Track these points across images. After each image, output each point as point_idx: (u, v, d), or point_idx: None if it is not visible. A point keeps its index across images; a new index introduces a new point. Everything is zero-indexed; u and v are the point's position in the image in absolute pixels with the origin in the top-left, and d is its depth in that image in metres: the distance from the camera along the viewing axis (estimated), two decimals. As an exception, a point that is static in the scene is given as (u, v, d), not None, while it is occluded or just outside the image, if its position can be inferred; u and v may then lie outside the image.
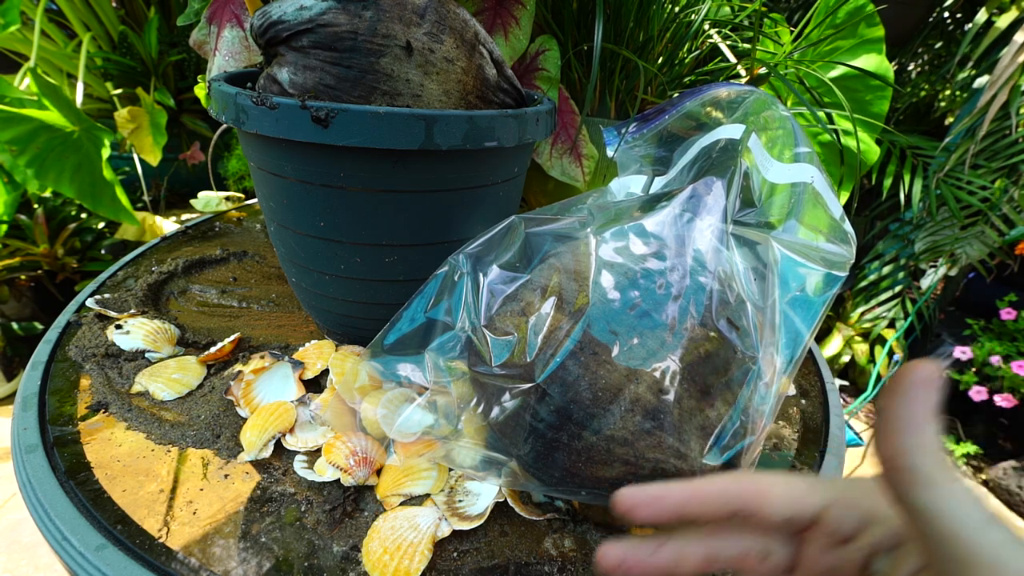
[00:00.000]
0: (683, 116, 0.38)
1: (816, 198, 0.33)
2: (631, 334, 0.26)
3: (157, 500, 0.30)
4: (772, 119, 0.36)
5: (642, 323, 0.27)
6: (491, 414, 0.28)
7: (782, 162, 0.34)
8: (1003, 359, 1.27)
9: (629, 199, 0.34)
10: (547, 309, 0.28)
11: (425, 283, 0.33)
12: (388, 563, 0.27)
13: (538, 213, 0.34)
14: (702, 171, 0.35)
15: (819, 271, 0.32)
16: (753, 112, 0.36)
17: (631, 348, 0.26)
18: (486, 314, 0.30)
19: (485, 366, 0.28)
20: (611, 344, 0.26)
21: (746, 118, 0.36)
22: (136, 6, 1.50)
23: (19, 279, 1.19)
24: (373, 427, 0.35)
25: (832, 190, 0.34)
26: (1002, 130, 1.20)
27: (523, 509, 0.30)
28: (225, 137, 1.61)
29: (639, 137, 0.39)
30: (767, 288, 0.30)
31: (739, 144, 0.34)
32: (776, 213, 0.33)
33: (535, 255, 0.32)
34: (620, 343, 0.26)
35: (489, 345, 0.28)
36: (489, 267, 0.31)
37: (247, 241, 0.61)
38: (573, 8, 0.57)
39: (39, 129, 0.86)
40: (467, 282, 0.31)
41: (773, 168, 0.34)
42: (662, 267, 0.28)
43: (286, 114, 0.30)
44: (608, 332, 0.26)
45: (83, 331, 0.42)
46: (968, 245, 1.28)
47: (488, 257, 0.32)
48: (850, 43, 0.76)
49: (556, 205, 0.35)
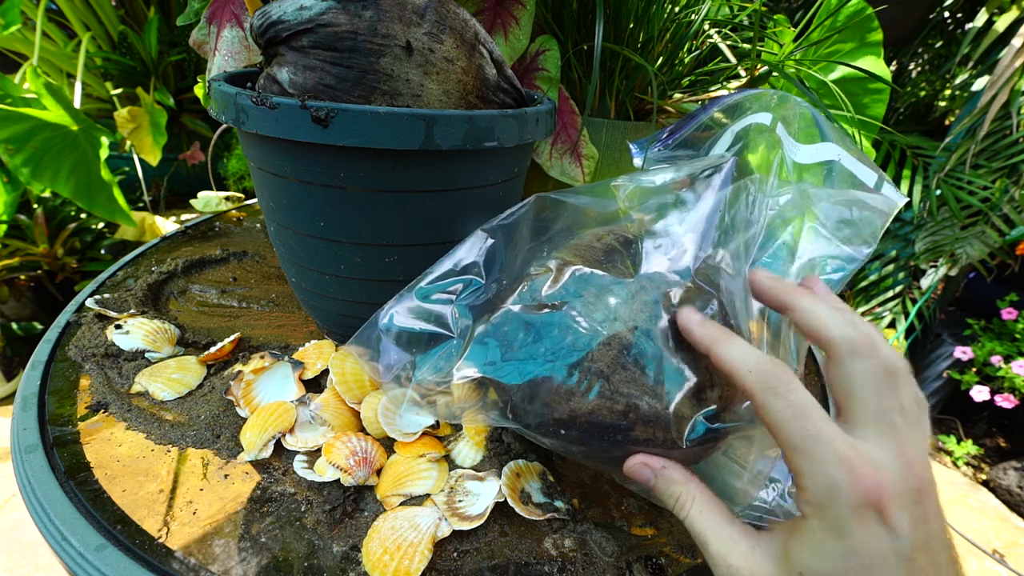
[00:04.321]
0: (706, 123, 0.39)
1: (846, 176, 0.34)
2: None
3: (157, 500, 0.30)
4: (793, 113, 0.37)
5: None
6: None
7: (807, 144, 0.36)
8: (1004, 359, 1.27)
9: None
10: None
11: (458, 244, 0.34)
12: (388, 563, 0.27)
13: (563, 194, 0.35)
14: (738, 153, 0.36)
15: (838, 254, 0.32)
16: (774, 108, 0.37)
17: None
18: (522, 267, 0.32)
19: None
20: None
21: (769, 109, 0.37)
22: (136, 6, 1.50)
23: (19, 279, 1.19)
24: (373, 427, 0.35)
25: (863, 161, 0.35)
26: (1002, 130, 1.20)
27: (523, 509, 0.30)
28: (225, 137, 1.61)
29: (668, 146, 0.40)
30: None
31: (768, 129, 0.36)
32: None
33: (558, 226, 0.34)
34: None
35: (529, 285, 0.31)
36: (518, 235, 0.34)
37: (247, 241, 0.61)
38: (573, 8, 0.57)
39: (36, 128, 0.86)
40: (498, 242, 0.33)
41: (800, 151, 0.36)
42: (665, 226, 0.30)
43: (286, 114, 0.30)
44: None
45: (83, 331, 0.42)
46: (968, 245, 1.28)
47: (515, 231, 0.34)
48: (849, 46, 0.76)
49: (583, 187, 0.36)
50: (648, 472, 0.26)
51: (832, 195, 0.33)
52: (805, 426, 0.20)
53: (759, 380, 0.22)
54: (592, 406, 0.26)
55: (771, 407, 0.21)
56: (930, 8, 1.40)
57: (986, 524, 1.21)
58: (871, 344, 0.22)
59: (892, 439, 0.20)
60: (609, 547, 0.30)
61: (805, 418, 0.21)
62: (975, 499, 1.27)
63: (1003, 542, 1.17)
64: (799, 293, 0.25)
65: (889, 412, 0.21)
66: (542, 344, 0.28)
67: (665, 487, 0.25)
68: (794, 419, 0.21)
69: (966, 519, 1.22)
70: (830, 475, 0.20)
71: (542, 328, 0.28)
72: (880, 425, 0.21)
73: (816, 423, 0.20)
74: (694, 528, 0.24)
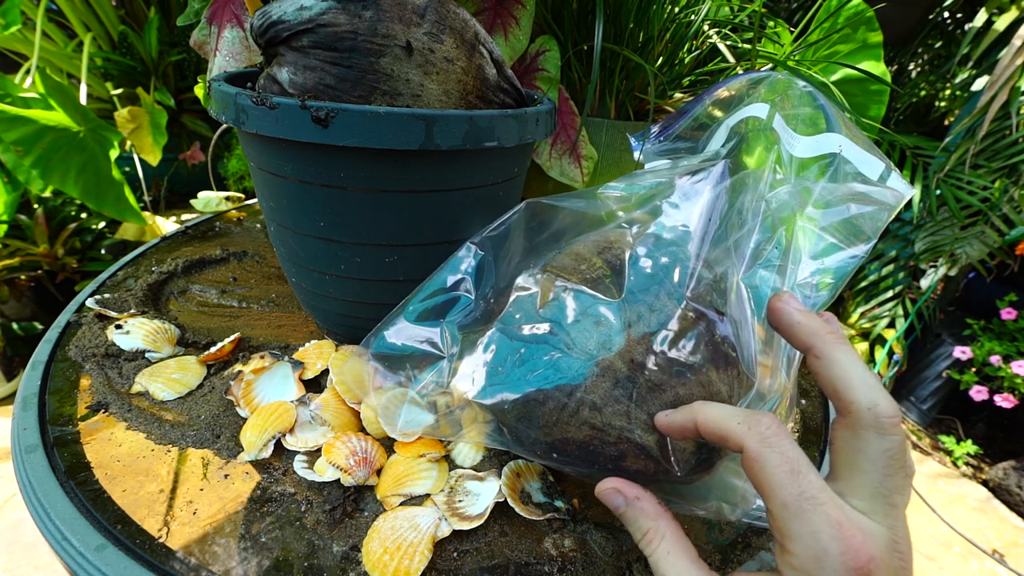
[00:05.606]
0: (705, 110, 0.38)
1: (848, 169, 0.32)
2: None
3: (157, 500, 0.30)
4: (794, 96, 0.35)
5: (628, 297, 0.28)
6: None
7: (808, 135, 0.34)
8: (1003, 359, 1.27)
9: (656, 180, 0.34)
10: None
11: (446, 262, 0.34)
12: (388, 563, 0.27)
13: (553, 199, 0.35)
14: (733, 151, 0.35)
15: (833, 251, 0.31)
16: (775, 92, 0.35)
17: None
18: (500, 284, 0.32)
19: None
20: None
21: (769, 97, 0.35)
22: (136, 6, 1.50)
23: (19, 279, 1.19)
24: (373, 427, 0.35)
25: (869, 150, 0.32)
26: (1002, 130, 1.20)
27: (523, 509, 0.30)
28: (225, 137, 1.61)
29: (664, 140, 0.39)
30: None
31: (764, 124, 0.34)
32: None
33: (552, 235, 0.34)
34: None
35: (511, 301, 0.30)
36: (508, 249, 0.33)
37: (247, 241, 0.61)
38: (573, 8, 0.57)
39: (44, 130, 0.86)
40: (485, 261, 0.33)
41: (799, 144, 0.33)
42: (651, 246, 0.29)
43: (286, 114, 0.30)
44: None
45: (83, 331, 0.42)
46: (968, 245, 1.28)
47: (506, 241, 0.33)
48: (849, 47, 0.76)
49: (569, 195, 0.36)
50: (620, 500, 0.25)
51: (832, 190, 0.31)
52: (800, 484, 0.19)
53: (751, 433, 0.21)
54: (584, 436, 0.26)
55: (766, 460, 0.20)
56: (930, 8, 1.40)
57: (986, 524, 1.21)
58: (896, 422, 0.21)
59: (888, 516, 0.20)
60: (609, 547, 0.30)
61: (800, 475, 0.20)
62: (975, 499, 1.28)
63: (1003, 542, 1.17)
64: (832, 340, 0.23)
65: (892, 493, 0.20)
66: (531, 367, 0.28)
67: (634, 518, 0.24)
68: (789, 475, 0.20)
69: (966, 519, 1.22)
70: (821, 540, 0.19)
71: (530, 351, 0.28)
72: (878, 502, 0.20)
73: (812, 483, 0.19)
74: (658, 568, 0.23)
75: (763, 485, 0.20)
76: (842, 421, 0.22)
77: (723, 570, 0.30)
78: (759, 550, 0.31)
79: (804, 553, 0.19)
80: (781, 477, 0.20)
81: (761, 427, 0.21)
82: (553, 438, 0.27)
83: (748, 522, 0.28)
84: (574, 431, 0.27)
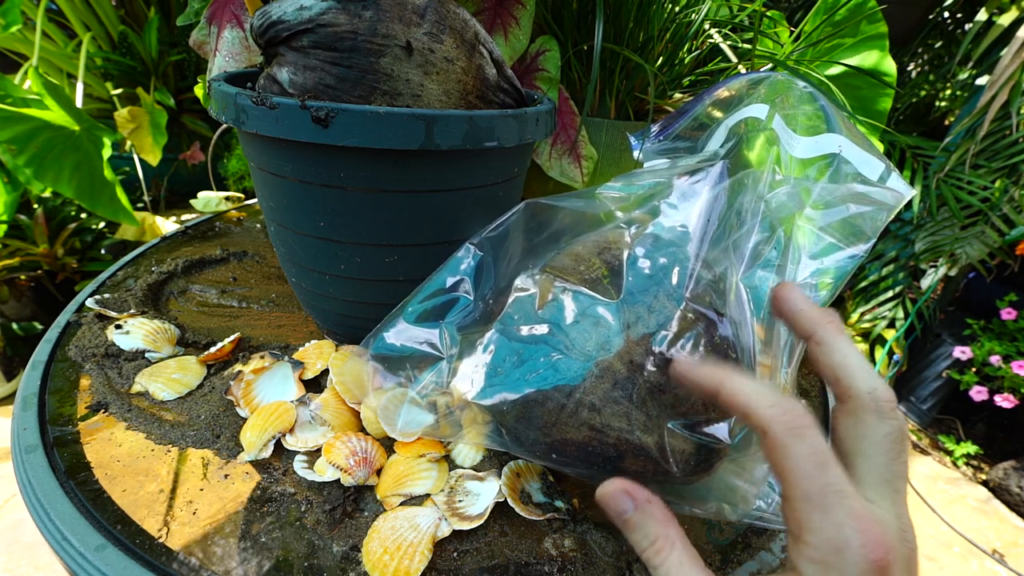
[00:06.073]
0: (705, 110, 0.38)
1: (848, 170, 0.32)
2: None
3: (157, 500, 0.30)
4: (794, 96, 0.35)
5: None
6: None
7: (808, 135, 0.34)
8: (1003, 359, 1.27)
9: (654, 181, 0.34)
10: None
11: (444, 263, 0.34)
12: (388, 563, 0.27)
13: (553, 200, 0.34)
14: (732, 152, 0.35)
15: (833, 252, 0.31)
16: (775, 92, 0.35)
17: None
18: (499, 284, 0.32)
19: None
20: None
21: (769, 97, 0.35)
22: (136, 6, 1.50)
23: (19, 279, 1.19)
24: (373, 427, 0.35)
25: (869, 151, 0.32)
26: (1002, 130, 1.20)
27: (523, 509, 0.30)
28: (225, 137, 1.61)
29: (663, 139, 0.39)
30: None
31: (764, 125, 0.34)
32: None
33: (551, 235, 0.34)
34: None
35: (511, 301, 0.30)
36: (508, 249, 0.33)
37: (247, 241, 0.61)
38: (573, 8, 0.57)
39: (39, 128, 0.86)
40: (484, 261, 0.33)
41: (799, 145, 0.33)
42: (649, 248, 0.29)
43: (286, 114, 0.30)
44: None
45: (83, 331, 0.42)
46: (968, 245, 1.28)
47: (505, 241, 0.33)
48: (852, 40, 0.76)
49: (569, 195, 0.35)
50: (628, 504, 0.23)
51: (832, 190, 0.31)
52: (827, 476, 0.19)
53: (780, 419, 0.20)
54: (583, 437, 0.26)
55: (793, 451, 0.20)
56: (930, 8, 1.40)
57: (986, 524, 1.21)
58: (894, 406, 0.21)
59: (894, 503, 0.20)
60: (609, 547, 0.30)
61: (827, 468, 0.19)
62: (975, 499, 1.28)
63: (1003, 542, 1.17)
64: (833, 329, 0.23)
65: (896, 478, 0.21)
66: (529, 368, 0.28)
67: (643, 524, 0.23)
68: (816, 468, 0.19)
69: (966, 519, 1.22)
70: (843, 532, 0.19)
71: (529, 352, 0.28)
72: (886, 488, 0.20)
73: (838, 475, 0.19)
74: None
75: (787, 473, 0.20)
76: (843, 408, 0.22)
77: (723, 570, 0.29)
78: (759, 550, 0.31)
79: (825, 545, 0.19)
80: (808, 468, 0.20)
81: (791, 415, 0.20)
82: (552, 439, 0.27)
83: (748, 522, 0.28)
84: (573, 432, 0.26)
